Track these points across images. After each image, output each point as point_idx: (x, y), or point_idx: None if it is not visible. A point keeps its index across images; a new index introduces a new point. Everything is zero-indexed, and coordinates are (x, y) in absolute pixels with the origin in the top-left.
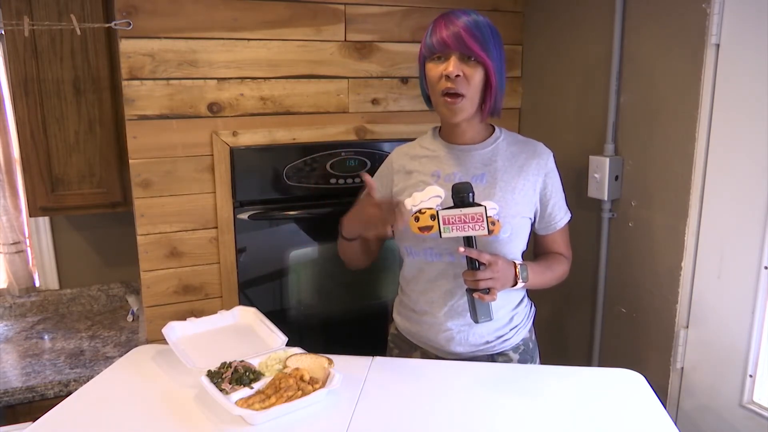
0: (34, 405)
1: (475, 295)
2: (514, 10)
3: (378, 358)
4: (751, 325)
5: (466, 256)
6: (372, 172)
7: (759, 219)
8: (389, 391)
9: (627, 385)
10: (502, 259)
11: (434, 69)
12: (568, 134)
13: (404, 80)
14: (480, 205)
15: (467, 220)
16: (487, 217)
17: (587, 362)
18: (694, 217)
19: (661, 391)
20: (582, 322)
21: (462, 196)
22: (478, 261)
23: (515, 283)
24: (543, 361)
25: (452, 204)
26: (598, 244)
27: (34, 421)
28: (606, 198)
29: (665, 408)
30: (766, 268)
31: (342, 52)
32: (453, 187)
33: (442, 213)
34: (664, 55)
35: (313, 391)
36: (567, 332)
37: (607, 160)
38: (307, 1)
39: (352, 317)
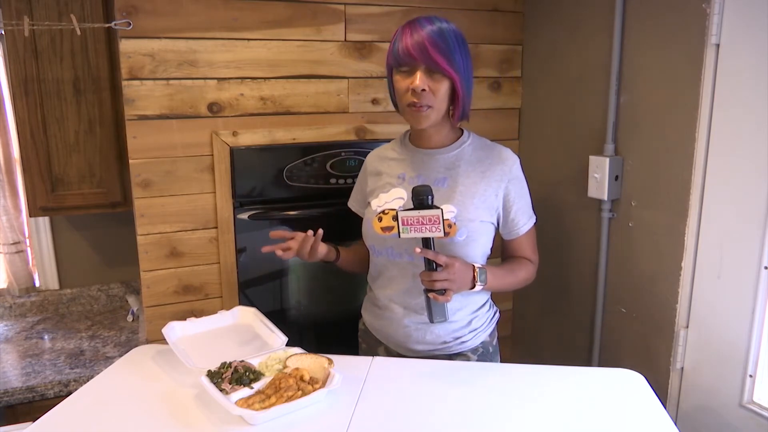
0: (34, 405)
1: (430, 295)
2: (514, 10)
3: (378, 358)
4: (751, 325)
5: (424, 257)
6: None
7: (759, 219)
8: (389, 391)
9: (627, 385)
10: (460, 262)
11: (401, 81)
12: (568, 134)
13: None
14: (437, 207)
15: (425, 222)
16: (443, 219)
17: (587, 362)
18: (694, 217)
19: (661, 391)
20: (582, 322)
21: (421, 198)
22: (435, 262)
23: (473, 286)
24: (543, 362)
25: (412, 206)
26: (598, 244)
27: (34, 421)
28: (606, 198)
29: (665, 408)
30: (766, 268)
31: (342, 52)
32: (413, 189)
33: (401, 214)
34: (664, 55)
35: (313, 391)
36: (567, 332)
37: (607, 160)
38: (307, 1)
39: (352, 317)
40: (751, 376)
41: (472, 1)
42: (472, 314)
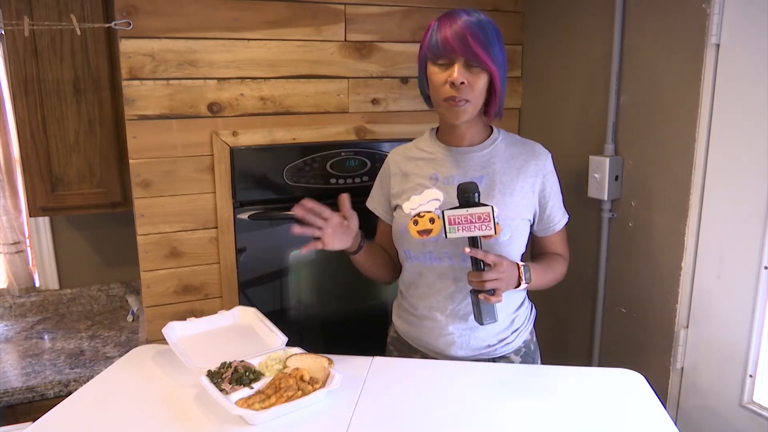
0: (34, 405)
1: (481, 296)
2: (514, 10)
3: (378, 358)
4: (751, 325)
5: (471, 257)
6: (372, 172)
7: (759, 219)
8: (389, 391)
9: (627, 385)
10: (507, 260)
11: (438, 74)
12: (568, 134)
13: (404, 80)
14: (486, 204)
15: (473, 220)
16: (494, 216)
17: (587, 362)
18: (694, 217)
19: (661, 391)
20: (582, 322)
21: (467, 196)
22: (483, 262)
23: (519, 284)
24: (543, 362)
25: (455, 205)
26: (598, 244)
27: (34, 421)
28: (606, 198)
29: (665, 408)
30: (766, 268)
31: (342, 52)
32: (458, 186)
33: (447, 213)
34: (664, 55)
35: (313, 391)
36: (567, 332)
37: (607, 160)
38: (307, 1)
39: (352, 317)
40: (751, 376)
41: (472, 1)
42: (513, 313)
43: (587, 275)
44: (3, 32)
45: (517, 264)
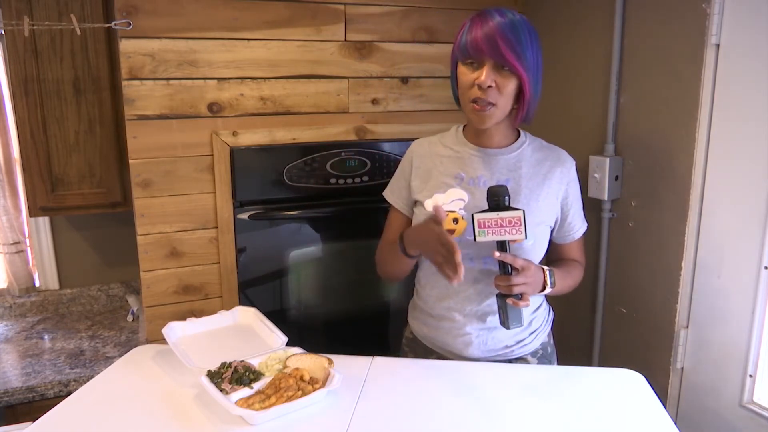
0: (34, 405)
1: (509, 300)
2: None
3: (378, 358)
4: (751, 325)
5: (499, 261)
6: (372, 172)
7: (759, 219)
8: (389, 391)
9: (627, 385)
10: (534, 265)
11: (466, 75)
12: (568, 134)
13: (404, 80)
14: (518, 209)
15: (504, 224)
16: (525, 220)
17: (587, 362)
18: (694, 217)
19: (661, 391)
20: (582, 322)
21: (497, 200)
22: (511, 266)
23: (543, 289)
24: None
25: (481, 207)
26: (598, 244)
27: (34, 421)
28: (606, 198)
29: (665, 408)
30: (766, 268)
31: (342, 52)
32: (489, 189)
33: (477, 216)
34: (664, 55)
35: (313, 391)
36: (567, 332)
37: (607, 160)
38: (307, 1)
39: (352, 317)
40: (751, 376)
41: (472, 0)
42: (531, 315)
43: (587, 275)
44: (3, 32)
45: (543, 268)
